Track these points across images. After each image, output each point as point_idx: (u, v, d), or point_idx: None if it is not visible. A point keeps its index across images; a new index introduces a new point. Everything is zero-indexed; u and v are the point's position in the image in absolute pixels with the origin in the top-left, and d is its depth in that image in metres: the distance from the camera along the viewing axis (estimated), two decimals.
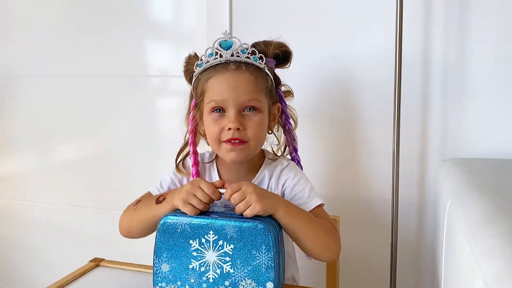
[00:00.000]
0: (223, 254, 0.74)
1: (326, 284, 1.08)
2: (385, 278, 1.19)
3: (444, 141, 1.17)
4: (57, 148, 1.62)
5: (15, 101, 1.64)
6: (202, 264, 0.75)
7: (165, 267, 0.76)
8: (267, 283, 0.73)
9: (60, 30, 1.54)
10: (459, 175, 0.93)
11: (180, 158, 0.94)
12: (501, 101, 1.13)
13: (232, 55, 0.83)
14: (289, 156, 0.98)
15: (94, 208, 1.56)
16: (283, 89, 0.96)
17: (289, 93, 0.97)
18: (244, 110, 0.84)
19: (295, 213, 0.79)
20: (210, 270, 0.74)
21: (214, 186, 0.77)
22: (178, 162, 0.94)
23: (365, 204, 1.25)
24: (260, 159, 0.93)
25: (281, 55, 0.90)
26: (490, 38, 1.12)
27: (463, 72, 1.14)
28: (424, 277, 1.23)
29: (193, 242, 0.75)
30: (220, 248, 0.74)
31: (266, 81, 0.86)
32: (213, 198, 0.77)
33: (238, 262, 0.73)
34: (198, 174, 0.91)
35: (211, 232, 0.74)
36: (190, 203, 0.76)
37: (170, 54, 1.45)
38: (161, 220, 0.76)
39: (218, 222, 0.73)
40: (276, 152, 0.98)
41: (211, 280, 0.74)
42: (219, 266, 0.74)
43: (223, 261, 0.74)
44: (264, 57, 0.86)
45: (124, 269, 0.94)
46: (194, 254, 0.75)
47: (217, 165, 0.94)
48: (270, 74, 0.87)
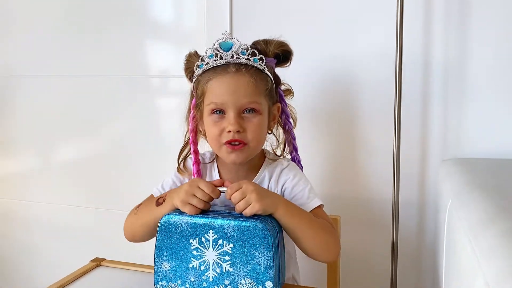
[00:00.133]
0: (223, 253, 0.74)
1: (326, 284, 1.08)
2: (385, 278, 1.19)
3: (444, 141, 1.17)
4: (57, 148, 1.62)
5: (16, 101, 1.64)
6: (202, 263, 0.75)
7: (165, 266, 0.77)
8: (266, 282, 0.73)
9: (60, 30, 1.54)
10: (460, 175, 0.93)
11: (181, 159, 0.94)
12: (501, 101, 1.12)
13: (232, 57, 0.82)
14: (289, 155, 0.98)
15: (94, 208, 1.56)
16: (283, 87, 0.96)
17: (289, 91, 0.97)
18: (243, 112, 0.84)
19: (295, 212, 0.80)
20: (210, 269, 0.75)
21: (213, 185, 0.77)
22: (179, 163, 0.94)
23: (365, 204, 1.25)
24: (260, 159, 0.93)
25: (281, 55, 0.89)
26: (490, 38, 1.12)
27: (463, 72, 1.14)
28: (424, 277, 1.23)
29: (193, 241, 0.75)
30: (219, 247, 0.74)
31: (266, 82, 0.86)
32: (212, 196, 0.77)
33: (238, 261, 0.73)
34: (199, 173, 0.91)
35: (211, 231, 0.74)
36: (190, 203, 0.76)
37: (170, 54, 1.45)
38: (161, 219, 0.77)
39: (217, 221, 0.74)
40: (275, 150, 0.98)
41: (211, 279, 0.75)
42: (219, 265, 0.74)
43: (223, 260, 0.74)
44: (264, 57, 0.85)
45: (125, 269, 0.94)
46: (194, 253, 0.75)
47: (217, 165, 0.94)
48: (270, 75, 0.87)
